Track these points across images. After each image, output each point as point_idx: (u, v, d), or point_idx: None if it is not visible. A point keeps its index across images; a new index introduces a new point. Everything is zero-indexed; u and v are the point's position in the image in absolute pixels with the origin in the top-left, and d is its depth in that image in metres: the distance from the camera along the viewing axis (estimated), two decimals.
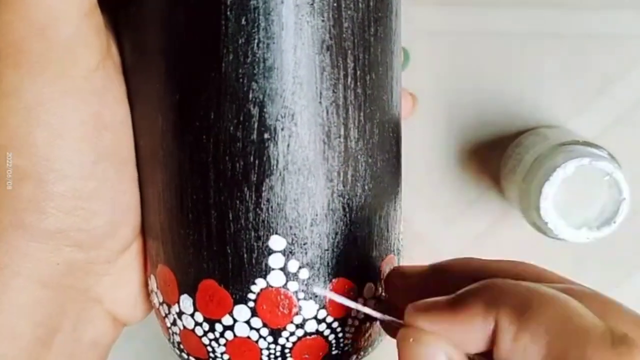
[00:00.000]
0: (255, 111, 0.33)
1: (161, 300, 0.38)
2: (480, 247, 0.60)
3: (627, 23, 0.56)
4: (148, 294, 0.40)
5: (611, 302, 0.31)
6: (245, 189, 0.34)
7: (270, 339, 0.35)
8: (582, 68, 0.57)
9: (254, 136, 0.33)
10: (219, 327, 0.36)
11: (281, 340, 0.35)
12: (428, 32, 0.56)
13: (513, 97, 0.57)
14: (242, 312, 0.35)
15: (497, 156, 0.57)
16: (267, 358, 0.36)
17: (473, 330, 0.30)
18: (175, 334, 0.38)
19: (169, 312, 0.37)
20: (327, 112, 0.34)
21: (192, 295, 0.36)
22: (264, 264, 0.34)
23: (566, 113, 0.57)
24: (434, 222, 0.59)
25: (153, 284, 0.38)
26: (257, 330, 0.35)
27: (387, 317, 0.34)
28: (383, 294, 0.38)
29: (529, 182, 0.51)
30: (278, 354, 0.36)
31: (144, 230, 0.39)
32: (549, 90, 0.57)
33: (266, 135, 0.33)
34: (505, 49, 0.57)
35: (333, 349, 0.37)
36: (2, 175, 0.34)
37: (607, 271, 0.60)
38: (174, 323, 0.37)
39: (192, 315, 0.36)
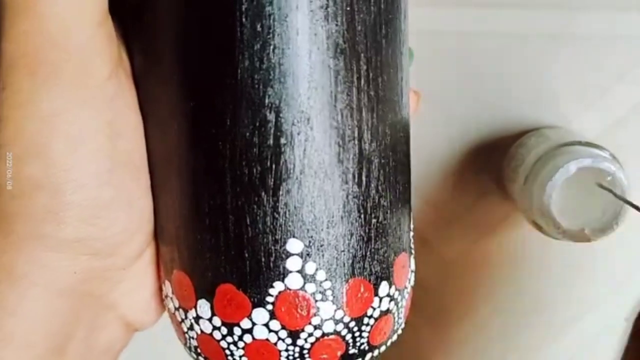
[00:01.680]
0: (271, 116, 0.33)
1: (177, 306, 0.38)
2: (482, 248, 0.60)
3: (629, 24, 0.56)
4: (161, 299, 0.40)
5: None
6: (263, 193, 0.34)
7: (289, 340, 0.36)
8: (585, 68, 0.57)
9: (271, 141, 0.33)
10: (237, 331, 0.36)
11: (300, 342, 0.36)
12: (430, 32, 0.56)
13: (515, 98, 0.58)
14: (260, 315, 0.35)
15: (499, 156, 0.58)
16: (285, 359, 0.36)
17: None
18: (192, 338, 0.38)
19: (186, 317, 0.38)
20: (342, 115, 0.34)
21: (210, 299, 0.36)
22: (281, 267, 0.35)
23: (568, 113, 0.58)
24: (436, 223, 0.60)
25: (168, 289, 0.39)
26: (276, 332, 0.35)
27: None
28: (396, 292, 0.38)
29: (531, 183, 0.51)
30: (297, 355, 0.36)
31: (157, 236, 0.39)
32: (551, 91, 0.57)
33: (282, 140, 0.33)
34: (508, 49, 0.57)
35: (350, 347, 0.37)
36: (17, 185, 0.34)
37: (609, 272, 0.60)
38: (190, 328, 0.38)
39: (209, 320, 0.36)
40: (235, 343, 0.36)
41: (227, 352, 0.37)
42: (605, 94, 0.57)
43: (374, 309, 0.37)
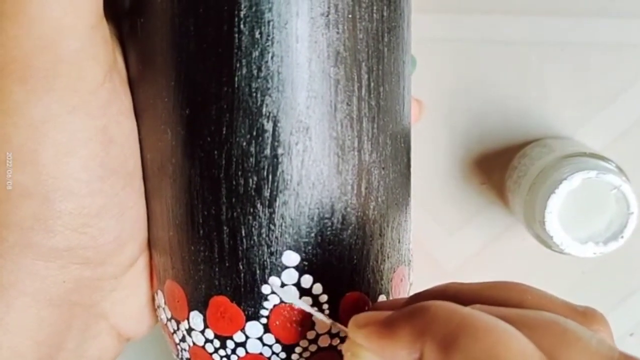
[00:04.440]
0: (269, 126, 0.33)
1: (169, 316, 0.37)
2: (484, 260, 0.59)
3: (635, 32, 0.56)
4: (153, 308, 0.40)
5: (571, 332, 0.28)
6: (259, 204, 0.33)
7: (283, 355, 0.35)
8: (590, 77, 0.56)
9: (268, 151, 0.33)
10: (230, 344, 0.35)
11: (294, 356, 0.35)
12: (432, 39, 0.56)
13: (518, 107, 0.57)
14: (254, 328, 0.35)
15: (501, 167, 0.57)
16: None
17: (399, 356, 0.29)
18: (185, 350, 0.37)
19: (178, 329, 0.37)
20: (342, 125, 0.33)
21: (203, 311, 0.35)
22: (277, 280, 0.34)
23: (573, 123, 0.57)
24: (437, 234, 0.59)
25: (160, 299, 0.38)
26: (270, 346, 0.35)
27: (338, 325, 0.34)
28: None
29: (534, 195, 0.50)
30: None
31: (151, 245, 0.38)
32: (555, 100, 0.56)
33: (280, 150, 0.33)
34: (512, 57, 0.56)
35: None
36: (5, 193, 0.33)
37: (613, 286, 0.59)
38: (183, 339, 0.37)
39: (202, 332, 0.36)
40: (228, 356, 0.35)
41: None
42: (611, 103, 0.56)
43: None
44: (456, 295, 0.32)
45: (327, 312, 0.35)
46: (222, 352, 0.35)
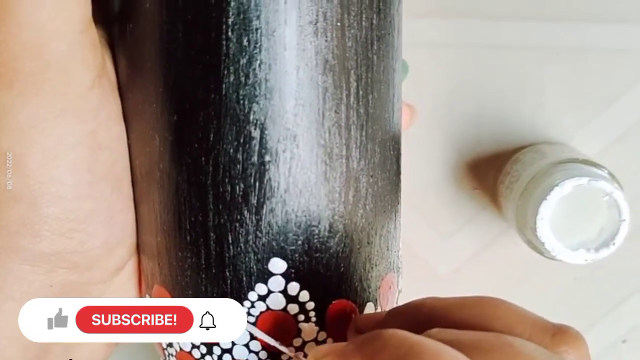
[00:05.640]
0: (256, 133, 0.32)
1: None
2: (476, 266, 0.59)
3: (631, 38, 0.55)
4: None
5: (524, 356, 0.27)
6: (246, 211, 0.33)
7: None
8: (585, 83, 0.56)
9: (255, 159, 0.33)
10: (217, 350, 0.35)
11: None
12: (426, 44, 0.56)
13: (512, 112, 0.57)
14: (240, 335, 0.34)
15: (494, 173, 0.57)
16: None
17: None
18: (172, 355, 0.37)
19: None
20: (330, 133, 0.33)
21: None
22: (263, 287, 0.34)
23: (567, 129, 0.56)
24: (430, 240, 0.59)
25: None
26: (256, 353, 0.35)
27: (300, 357, 0.34)
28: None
29: (525, 201, 0.50)
30: None
31: (139, 249, 0.38)
32: (549, 106, 0.56)
33: (267, 158, 0.33)
34: (506, 62, 0.56)
35: None
36: None
37: (605, 293, 0.59)
38: (170, 345, 0.37)
39: None
40: None
41: None
42: (606, 110, 0.56)
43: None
44: (431, 311, 0.32)
45: (313, 319, 0.35)
46: (208, 358, 0.35)
